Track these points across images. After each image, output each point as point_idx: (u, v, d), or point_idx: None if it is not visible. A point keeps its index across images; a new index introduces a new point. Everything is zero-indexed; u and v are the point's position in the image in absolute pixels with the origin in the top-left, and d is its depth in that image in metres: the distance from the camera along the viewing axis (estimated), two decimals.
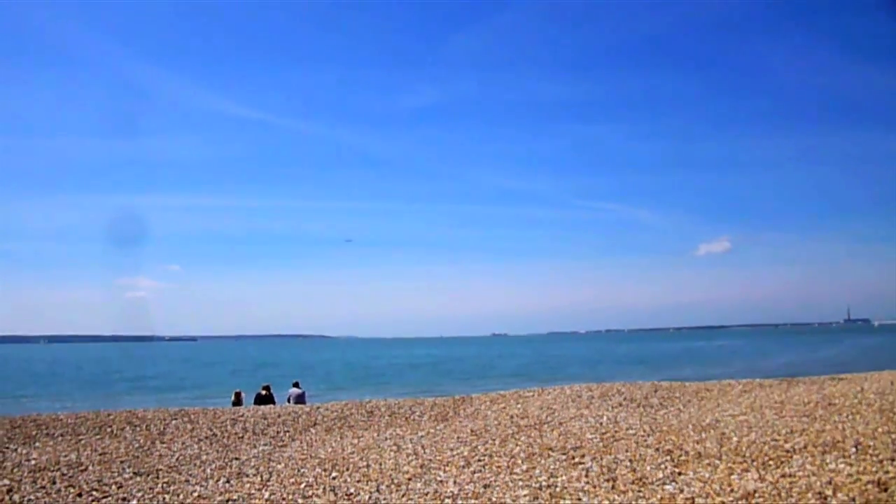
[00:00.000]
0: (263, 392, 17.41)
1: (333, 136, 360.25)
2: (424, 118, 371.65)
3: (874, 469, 6.30)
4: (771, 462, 6.86)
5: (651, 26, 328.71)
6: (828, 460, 6.72)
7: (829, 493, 5.67)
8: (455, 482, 6.91)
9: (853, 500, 5.48)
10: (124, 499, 6.87)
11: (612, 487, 6.36)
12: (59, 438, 10.34)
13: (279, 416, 12.13)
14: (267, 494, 6.83)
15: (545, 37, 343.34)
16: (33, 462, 8.60)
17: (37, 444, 9.91)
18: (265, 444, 9.96)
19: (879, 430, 7.95)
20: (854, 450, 7.04)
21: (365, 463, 8.11)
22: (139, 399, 35.22)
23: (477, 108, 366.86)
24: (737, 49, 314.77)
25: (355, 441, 9.85)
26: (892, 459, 6.58)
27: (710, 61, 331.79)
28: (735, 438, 8.02)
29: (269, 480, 7.46)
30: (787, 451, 7.20)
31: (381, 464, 8.01)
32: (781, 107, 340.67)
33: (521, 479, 6.86)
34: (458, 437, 9.42)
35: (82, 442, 10.05)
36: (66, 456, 8.94)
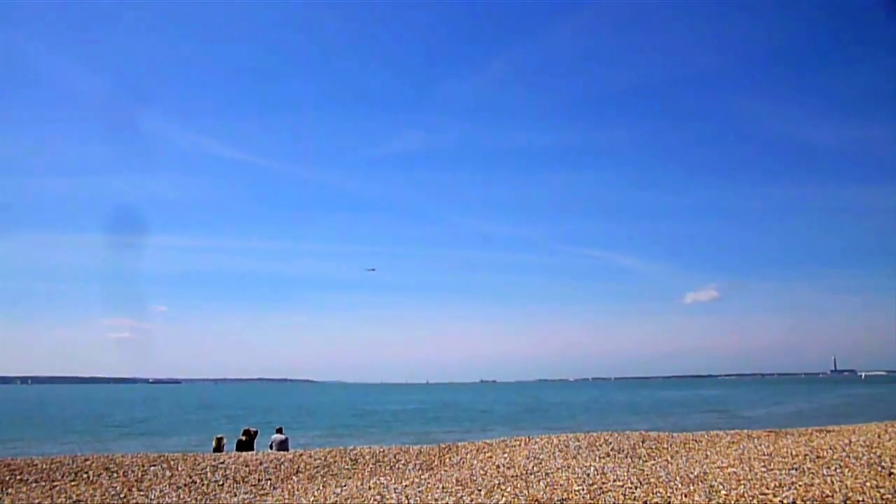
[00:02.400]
0: (245, 437, 17.08)
1: (320, 179, 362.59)
2: (412, 163, 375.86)
3: None
4: None
5: (637, 78, 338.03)
6: None
7: None
8: None
9: None
10: None
11: None
12: (34, 484, 10.06)
13: (261, 463, 11.88)
14: None
15: (533, 86, 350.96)
16: None
17: (9, 489, 9.63)
18: (246, 493, 9.73)
19: (868, 484, 7.88)
20: None
21: None
22: (118, 444, 34.45)
23: (464, 153, 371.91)
24: (722, 101, 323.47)
25: (338, 490, 9.63)
26: None
27: (696, 112, 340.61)
28: (723, 492, 7.92)
29: None
30: None
31: None
32: (767, 158, 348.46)
33: None
34: (443, 487, 9.25)
35: (56, 488, 9.78)
36: (39, 503, 8.68)
